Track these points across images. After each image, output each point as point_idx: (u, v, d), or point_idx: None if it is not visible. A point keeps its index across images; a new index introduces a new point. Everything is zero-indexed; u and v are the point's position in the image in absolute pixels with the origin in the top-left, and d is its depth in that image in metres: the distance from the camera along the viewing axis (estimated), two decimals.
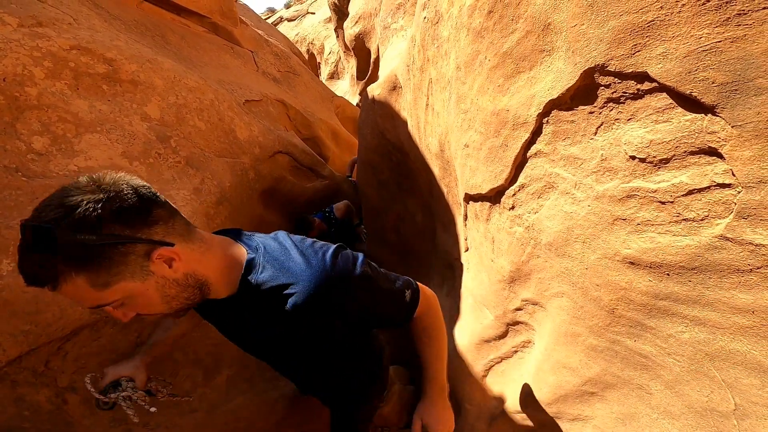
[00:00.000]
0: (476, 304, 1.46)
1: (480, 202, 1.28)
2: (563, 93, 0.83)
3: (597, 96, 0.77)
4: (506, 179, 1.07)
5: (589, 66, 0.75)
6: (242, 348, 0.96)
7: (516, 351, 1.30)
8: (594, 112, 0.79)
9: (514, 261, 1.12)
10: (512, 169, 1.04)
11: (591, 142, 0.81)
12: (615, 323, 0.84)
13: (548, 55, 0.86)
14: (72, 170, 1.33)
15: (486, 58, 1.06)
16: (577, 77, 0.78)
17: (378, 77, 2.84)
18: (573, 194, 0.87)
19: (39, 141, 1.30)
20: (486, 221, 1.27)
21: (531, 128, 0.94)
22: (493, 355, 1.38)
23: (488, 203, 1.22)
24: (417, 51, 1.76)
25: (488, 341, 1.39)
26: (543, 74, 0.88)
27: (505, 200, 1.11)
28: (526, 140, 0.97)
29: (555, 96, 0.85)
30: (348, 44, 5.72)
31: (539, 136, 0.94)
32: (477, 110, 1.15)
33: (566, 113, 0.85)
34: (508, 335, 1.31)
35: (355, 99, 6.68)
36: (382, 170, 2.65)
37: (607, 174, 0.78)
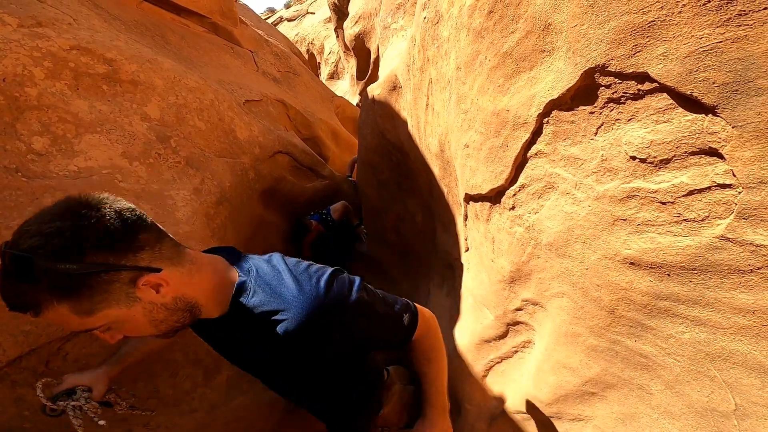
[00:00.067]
0: (476, 304, 1.46)
1: (480, 203, 1.28)
2: (563, 93, 0.83)
3: (597, 96, 0.77)
4: (506, 179, 1.07)
5: (590, 66, 0.75)
6: (237, 366, 0.94)
7: (516, 351, 1.31)
8: (594, 113, 0.79)
9: (515, 261, 1.12)
10: (512, 170, 1.04)
11: (591, 143, 0.81)
12: (615, 323, 0.84)
13: (548, 56, 0.86)
14: (72, 170, 1.33)
15: (486, 58, 1.06)
16: (578, 77, 0.78)
17: (378, 77, 2.84)
18: (573, 194, 0.87)
19: (39, 141, 1.30)
20: (486, 221, 1.27)
21: (531, 128, 0.94)
22: (494, 355, 1.38)
23: (488, 203, 1.22)
24: (417, 51, 1.76)
25: (488, 341, 1.39)
26: (543, 74, 0.88)
27: (506, 200, 1.11)
28: (527, 140, 0.97)
29: (555, 96, 0.85)
30: (348, 44, 5.72)
31: (539, 137, 0.94)
32: (477, 110, 1.15)
33: (566, 113, 0.85)
34: (509, 335, 1.31)
35: (355, 99, 6.68)
36: (382, 170, 2.65)
37: (608, 174, 0.78)
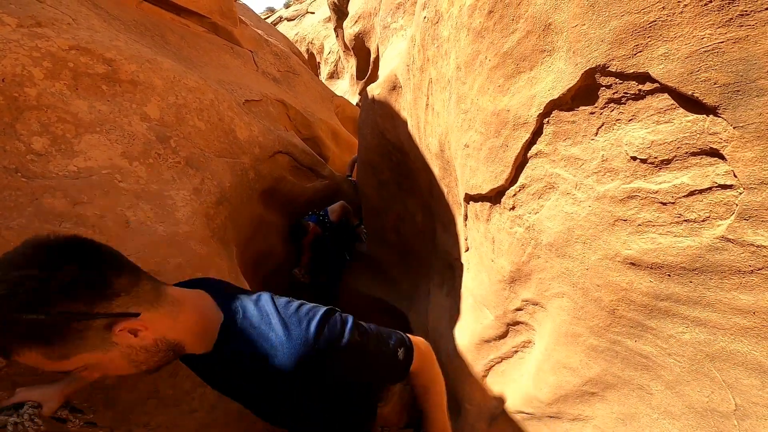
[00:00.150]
0: (476, 304, 1.46)
1: (480, 203, 1.27)
2: (564, 93, 0.83)
3: (598, 96, 0.77)
4: (507, 179, 1.07)
5: (590, 66, 0.75)
6: (225, 396, 0.92)
7: (516, 351, 1.31)
8: (595, 113, 0.79)
9: (515, 261, 1.12)
10: (513, 170, 1.04)
11: (592, 143, 0.81)
12: (615, 324, 0.84)
13: (549, 56, 0.86)
14: (72, 171, 1.33)
15: (486, 58, 1.06)
16: (578, 77, 0.78)
17: (378, 77, 2.84)
18: (574, 195, 0.87)
19: (38, 141, 1.29)
20: (486, 221, 1.26)
21: (531, 128, 0.94)
22: (494, 355, 1.38)
23: (488, 203, 1.22)
24: (417, 51, 1.76)
25: (488, 341, 1.39)
26: (544, 74, 0.88)
27: (506, 200, 1.11)
28: (527, 140, 0.97)
29: (556, 96, 0.85)
30: (348, 44, 5.72)
31: (540, 137, 0.94)
32: (477, 110, 1.15)
33: (567, 114, 0.85)
34: (509, 335, 1.31)
35: (355, 99, 6.68)
36: (382, 170, 2.64)
37: (608, 175, 0.78)
